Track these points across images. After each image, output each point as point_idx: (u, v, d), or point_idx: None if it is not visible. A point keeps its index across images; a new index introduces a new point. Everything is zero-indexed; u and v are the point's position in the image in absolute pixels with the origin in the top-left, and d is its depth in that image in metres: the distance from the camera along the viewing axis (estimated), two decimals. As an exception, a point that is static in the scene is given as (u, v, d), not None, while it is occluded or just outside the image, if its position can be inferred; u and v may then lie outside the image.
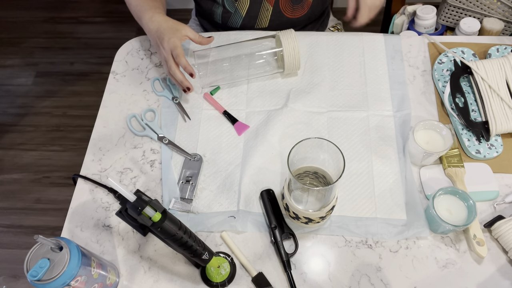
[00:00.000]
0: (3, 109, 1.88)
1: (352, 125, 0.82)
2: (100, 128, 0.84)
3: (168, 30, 0.79)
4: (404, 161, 0.76)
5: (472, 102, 0.81)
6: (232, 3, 0.95)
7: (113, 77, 0.91)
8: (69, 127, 1.82)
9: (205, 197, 0.75)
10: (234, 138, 0.81)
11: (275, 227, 0.69)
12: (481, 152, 0.76)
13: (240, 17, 0.98)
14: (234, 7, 0.96)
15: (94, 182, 0.77)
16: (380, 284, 0.66)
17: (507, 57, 0.80)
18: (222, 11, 0.98)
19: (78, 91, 1.92)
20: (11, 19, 2.19)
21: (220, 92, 0.87)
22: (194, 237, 0.59)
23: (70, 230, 0.73)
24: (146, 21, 0.83)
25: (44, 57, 2.04)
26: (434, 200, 0.67)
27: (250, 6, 0.95)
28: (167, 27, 0.79)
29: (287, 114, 0.82)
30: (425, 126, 0.75)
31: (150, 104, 0.87)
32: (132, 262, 0.70)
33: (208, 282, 0.67)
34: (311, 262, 0.68)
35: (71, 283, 0.54)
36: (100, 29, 2.12)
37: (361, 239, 0.70)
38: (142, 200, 0.54)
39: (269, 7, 0.96)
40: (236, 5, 0.95)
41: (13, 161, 1.74)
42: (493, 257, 0.68)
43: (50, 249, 0.54)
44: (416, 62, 0.89)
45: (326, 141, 0.60)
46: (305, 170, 0.68)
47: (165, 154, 0.79)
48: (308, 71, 0.89)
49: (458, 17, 1.12)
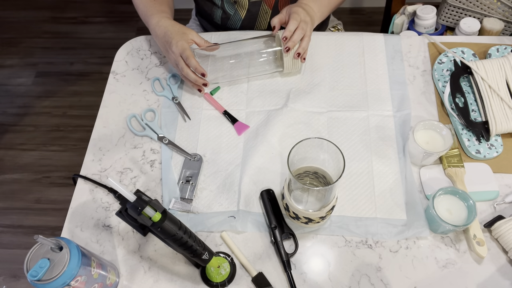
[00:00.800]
0: (3, 109, 1.88)
1: (352, 125, 0.82)
2: (100, 128, 0.84)
3: (176, 34, 0.80)
4: (404, 161, 0.76)
5: (472, 102, 0.81)
6: (232, 6, 0.95)
7: (113, 77, 0.91)
8: (69, 127, 1.82)
9: (205, 197, 0.75)
10: (234, 138, 0.81)
11: (275, 227, 0.69)
12: (481, 152, 0.76)
13: (240, 19, 0.98)
14: (234, 9, 0.96)
15: (94, 182, 0.77)
16: (380, 284, 0.66)
17: (507, 57, 0.80)
18: (222, 13, 0.98)
19: (78, 91, 1.92)
20: (11, 19, 2.19)
21: (220, 92, 0.87)
22: (194, 237, 0.59)
23: (70, 230, 0.73)
24: (153, 26, 0.83)
25: (44, 57, 2.04)
26: (434, 200, 0.67)
27: (249, 8, 0.95)
28: (174, 31, 0.80)
29: (287, 114, 0.82)
30: (425, 126, 0.75)
31: (150, 104, 0.87)
32: (132, 262, 0.70)
33: (208, 282, 0.67)
34: (311, 262, 0.68)
35: (71, 283, 0.54)
36: (100, 29, 2.12)
37: (361, 239, 0.70)
38: (142, 200, 0.54)
39: (268, 10, 0.96)
40: (235, 7, 0.95)
41: (13, 161, 1.74)
42: (493, 257, 0.68)
43: (50, 249, 0.54)
44: (416, 62, 0.89)
45: (326, 141, 0.60)
46: (305, 170, 0.68)
47: (165, 154, 0.79)
48: (308, 71, 0.89)
49: (458, 17, 1.12)
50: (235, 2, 0.94)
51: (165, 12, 0.86)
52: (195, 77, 0.81)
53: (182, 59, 0.79)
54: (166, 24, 0.82)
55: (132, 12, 2.14)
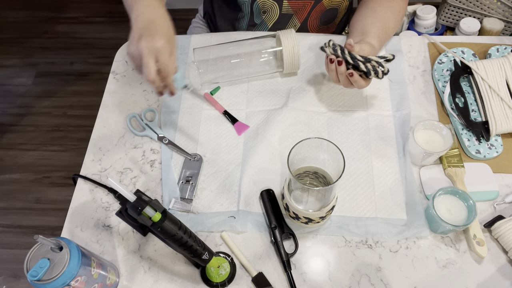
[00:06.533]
0: (3, 109, 1.88)
1: (352, 125, 0.82)
2: (100, 128, 0.84)
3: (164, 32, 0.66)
4: (404, 161, 0.76)
5: (472, 102, 0.81)
6: (260, 15, 0.94)
7: (113, 77, 0.91)
8: (69, 127, 1.82)
9: (205, 197, 0.75)
10: (234, 138, 0.81)
11: (275, 227, 0.69)
12: (481, 152, 0.76)
13: (266, 27, 0.97)
14: (261, 19, 0.95)
15: (94, 182, 0.77)
16: (380, 284, 0.66)
17: (507, 57, 0.80)
18: (248, 21, 0.97)
19: (78, 91, 1.92)
20: (11, 19, 2.19)
21: (220, 92, 0.87)
22: (194, 237, 0.59)
23: (70, 230, 0.73)
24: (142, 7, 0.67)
25: (44, 57, 2.04)
26: (434, 200, 0.67)
27: (278, 20, 0.95)
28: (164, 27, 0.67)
29: (287, 113, 0.82)
30: (425, 126, 0.75)
31: (150, 104, 0.87)
32: (132, 262, 0.70)
33: (208, 282, 0.67)
34: (311, 262, 0.68)
35: (71, 283, 0.54)
36: (100, 29, 2.12)
37: (361, 239, 0.70)
38: (142, 200, 0.54)
39: (297, 23, 0.96)
40: (263, 17, 0.95)
41: (13, 161, 1.74)
42: (493, 257, 0.68)
43: (50, 249, 0.54)
44: (416, 62, 0.89)
45: (326, 141, 0.60)
46: (305, 170, 0.68)
47: (165, 154, 0.79)
48: (308, 71, 0.89)
49: (458, 17, 1.12)
50: (264, 12, 0.93)
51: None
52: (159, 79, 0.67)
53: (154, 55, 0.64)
54: (162, 12, 0.68)
55: (132, 12, 2.14)
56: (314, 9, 0.93)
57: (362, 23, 0.83)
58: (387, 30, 0.83)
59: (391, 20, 0.84)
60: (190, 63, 0.91)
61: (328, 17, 0.97)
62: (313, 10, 0.93)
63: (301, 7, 0.91)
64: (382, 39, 0.81)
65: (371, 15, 0.83)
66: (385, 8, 0.84)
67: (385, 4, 0.84)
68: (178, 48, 0.94)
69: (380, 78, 0.73)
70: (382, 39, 0.81)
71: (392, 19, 0.84)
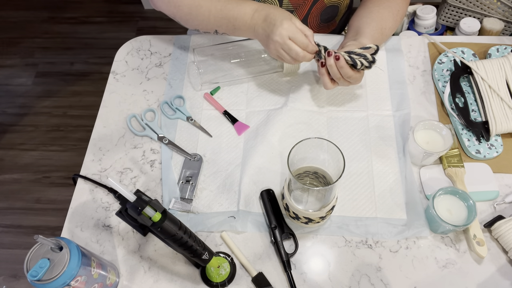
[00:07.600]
0: (3, 109, 1.88)
1: (352, 125, 0.82)
2: (100, 128, 0.84)
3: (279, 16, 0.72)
4: (404, 161, 0.76)
5: (472, 102, 0.81)
6: None
7: (113, 77, 0.91)
8: (69, 127, 1.82)
9: (205, 197, 0.75)
10: (234, 138, 0.81)
11: (275, 227, 0.69)
12: (481, 152, 0.76)
13: None
14: None
15: (94, 182, 0.77)
16: (380, 284, 0.66)
17: (507, 57, 0.80)
18: None
19: (78, 91, 1.92)
20: (11, 19, 2.19)
21: (220, 92, 0.87)
22: (194, 237, 0.59)
23: (70, 230, 0.73)
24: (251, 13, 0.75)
25: (44, 57, 2.04)
26: (434, 200, 0.67)
27: None
28: (277, 13, 0.73)
29: (287, 113, 0.82)
30: (425, 126, 0.75)
31: (150, 104, 0.87)
32: (132, 262, 0.70)
33: (208, 282, 0.67)
34: (311, 262, 0.68)
35: (71, 283, 0.54)
36: (100, 29, 2.12)
37: (361, 239, 0.70)
38: (142, 200, 0.54)
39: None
40: None
41: (13, 161, 1.74)
42: (493, 257, 0.68)
43: (50, 249, 0.54)
44: (416, 62, 0.89)
45: (326, 141, 0.60)
46: (305, 170, 0.68)
47: (165, 154, 0.79)
48: (308, 71, 0.89)
49: (458, 17, 1.12)
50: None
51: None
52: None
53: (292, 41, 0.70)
54: (268, 8, 0.73)
55: (132, 12, 2.15)
56: (315, 6, 0.93)
57: (358, 23, 0.84)
58: (384, 30, 0.83)
59: (388, 20, 0.84)
60: (190, 63, 0.91)
61: (328, 15, 0.97)
62: (314, 7, 0.93)
63: (301, 3, 0.91)
64: (376, 39, 0.81)
65: (368, 15, 0.84)
66: (383, 8, 0.84)
67: (383, 4, 0.84)
68: (178, 48, 0.94)
69: (368, 67, 0.74)
70: (377, 39, 0.82)
71: (389, 19, 0.84)
